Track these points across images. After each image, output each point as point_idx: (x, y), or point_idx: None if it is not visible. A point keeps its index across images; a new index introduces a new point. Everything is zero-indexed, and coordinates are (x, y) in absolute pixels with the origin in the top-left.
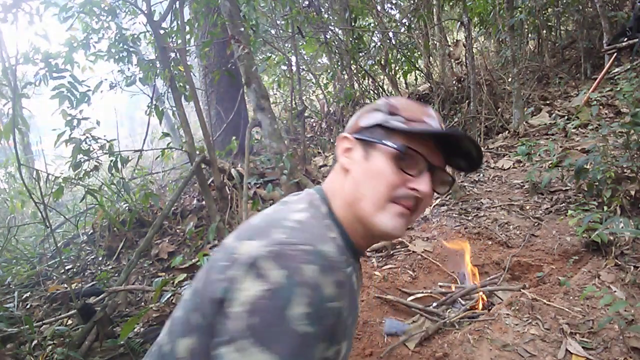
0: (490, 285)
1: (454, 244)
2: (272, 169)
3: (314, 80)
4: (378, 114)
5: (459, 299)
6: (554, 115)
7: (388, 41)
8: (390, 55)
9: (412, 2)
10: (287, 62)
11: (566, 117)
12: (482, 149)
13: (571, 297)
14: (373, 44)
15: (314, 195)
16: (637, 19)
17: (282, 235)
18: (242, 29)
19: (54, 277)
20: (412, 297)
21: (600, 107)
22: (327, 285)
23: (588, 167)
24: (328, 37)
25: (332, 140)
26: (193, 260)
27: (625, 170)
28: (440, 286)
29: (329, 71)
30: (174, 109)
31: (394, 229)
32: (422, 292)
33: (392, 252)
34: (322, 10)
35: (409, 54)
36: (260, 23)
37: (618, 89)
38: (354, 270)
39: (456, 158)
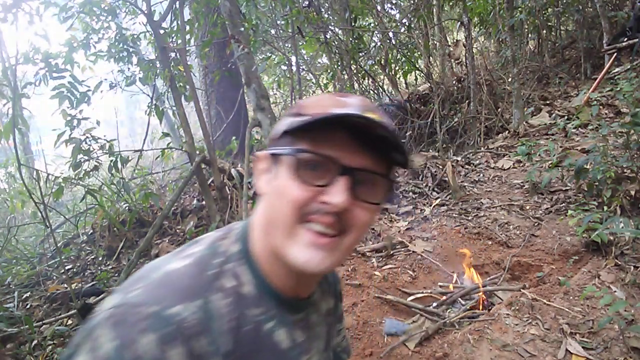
0: (490, 285)
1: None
2: None
3: (314, 80)
4: (287, 120)
5: (459, 299)
6: (554, 115)
7: (388, 41)
8: (390, 55)
9: (412, 2)
10: (287, 62)
11: (566, 117)
12: (481, 148)
13: (571, 297)
14: (373, 44)
15: (231, 232)
16: (637, 19)
17: (136, 292)
18: (242, 29)
19: (54, 277)
20: (412, 297)
21: (600, 107)
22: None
23: (588, 167)
24: (328, 37)
25: None
26: None
27: (625, 170)
28: (440, 286)
29: (329, 71)
30: (174, 108)
31: (308, 263)
32: (422, 292)
33: (392, 252)
34: (322, 10)
35: (409, 54)
36: (260, 23)
37: (618, 89)
38: (282, 323)
39: (394, 153)
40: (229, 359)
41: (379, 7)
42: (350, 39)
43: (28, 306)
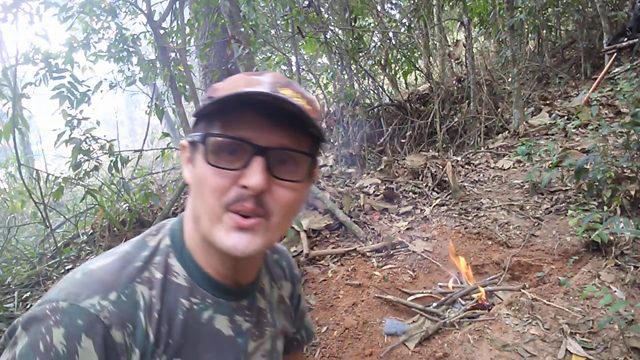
0: (490, 285)
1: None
2: None
3: (314, 80)
4: (200, 104)
5: (459, 299)
6: (554, 115)
7: (388, 41)
8: (390, 55)
9: (412, 2)
10: (287, 62)
11: (566, 117)
12: (481, 148)
13: (571, 297)
14: (373, 44)
15: (163, 227)
16: (637, 19)
17: (54, 291)
18: (242, 29)
19: (54, 277)
20: (412, 297)
21: (600, 107)
22: (78, 354)
23: (588, 167)
24: (328, 37)
25: (332, 140)
26: None
27: (625, 170)
28: (440, 286)
29: (329, 71)
30: (174, 108)
31: (234, 247)
32: (422, 292)
33: (392, 252)
34: (322, 10)
35: (409, 54)
36: (260, 23)
37: (618, 89)
38: (222, 311)
39: (312, 128)
40: (167, 349)
41: (379, 7)
42: (350, 39)
43: (28, 306)
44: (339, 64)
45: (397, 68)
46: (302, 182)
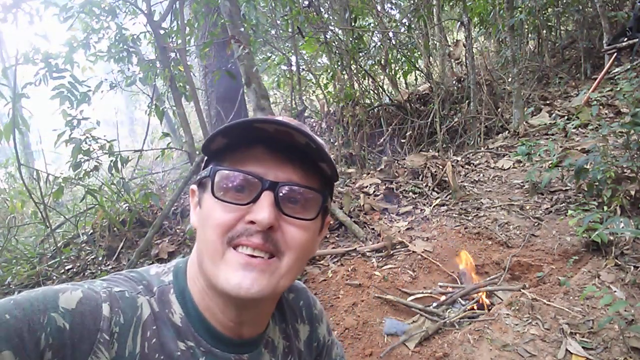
0: (490, 285)
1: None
2: None
3: (313, 80)
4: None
5: (459, 299)
6: (554, 115)
7: (388, 41)
8: (390, 55)
9: (412, 2)
10: (287, 62)
11: (566, 117)
12: (481, 148)
13: (571, 297)
14: (373, 44)
15: (169, 266)
16: (637, 19)
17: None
18: (242, 29)
19: (54, 277)
20: (412, 297)
21: (600, 107)
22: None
23: (588, 167)
24: (328, 37)
25: (331, 140)
26: None
27: (625, 170)
28: (440, 286)
29: (329, 71)
30: (174, 108)
31: (239, 285)
32: (422, 292)
33: (392, 252)
34: (322, 10)
35: (409, 54)
36: (260, 23)
37: (618, 89)
38: None
39: (321, 164)
40: None
41: (379, 7)
42: (350, 39)
43: None
44: (339, 64)
45: (397, 68)
46: (313, 222)
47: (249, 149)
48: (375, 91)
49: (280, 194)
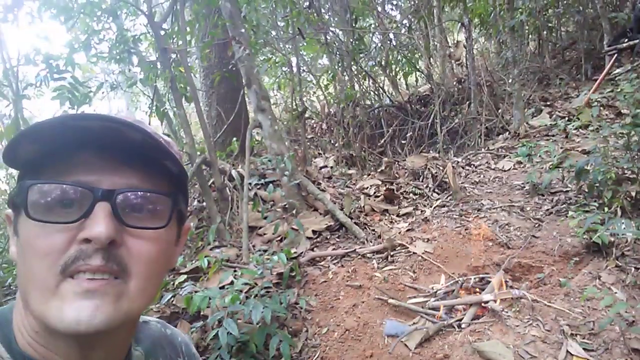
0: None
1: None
2: (273, 170)
3: (314, 82)
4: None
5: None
6: (554, 116)
7: (389, 42)
8: (390, 56)
9: (412, 3)
10: (287, 63)
11: (567, 118)
12: (482, 149)
13: (572, 299)
14: (374, 45)
15: None
16: (637, 20)
17: None
18: (243, 30)
19: None
20: (412, 300)
21: (601, 108)
22: None
23: (589, 168)
24: (329, 38)
25: (332, 142)
26: (194, 262)
27: (625, 172)
28: (441, 287)
29: (329, 72)
30: (175, 109)
31: (76, 321)
32: (423, 293)
33: (392, 254)
34: (323, 11)
35: (409, 55)
36: (260, 24)
37: (619, 90)
38: None
39: (166, 162)
40: None
41: (379, 8)
42: (351, 40)
43: None
44: (340, 65)
45: (397, 69)
46: (165, 231)
47: (72, 155)
48: (376, 92)
49: (119, 202)
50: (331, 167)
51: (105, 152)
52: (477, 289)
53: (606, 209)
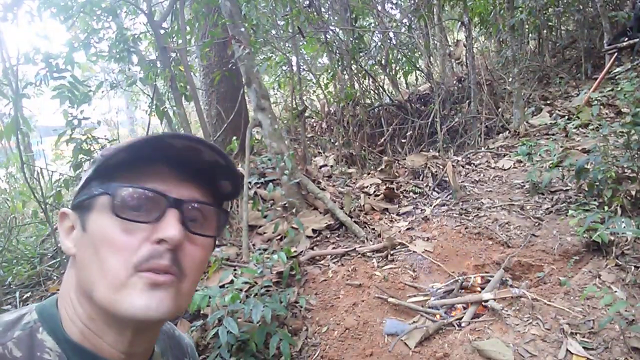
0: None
1: None
2: (273, 168)
3: (314, 80)
4: (90, 167)
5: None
6: (554, 115)
7: (389, 41)
8: (390, 55)
9: (412, 2)
10: (287, 62)
11: (567, 117)
12: (482, 148)
13: (572, 297)
14: (374, 44)
15: (24, 309)
16: (637, 18)
17: None
18: (243, 29)
19: (55, 277)
20: (412, 299)
21: (601, 107)
22: None
23: (589, 167)
24: (328, 37)
25: (332, 140)
26: None
27: (625, 170)
28: (441, 286)
29: (329, 71)
30: (175, 108)
31: (147, 307)
32: (423, 293)
33: (392, 253)
34: (323, 10)
35: (409, 54)
36: (260, 23)
37: (619, 88)
38: None
39: (222, 182)
40: None
41: (379, 7)
42: (351, 39)
43: None
44: (340, 64)
45: (397, 68)
46: (213, 238)
47: (148, 166)
48: (376, 91)
49: (186, 214)
50: (331, 166)
51: (179, 167)
52: (478, 288)
53: (606, 207)
